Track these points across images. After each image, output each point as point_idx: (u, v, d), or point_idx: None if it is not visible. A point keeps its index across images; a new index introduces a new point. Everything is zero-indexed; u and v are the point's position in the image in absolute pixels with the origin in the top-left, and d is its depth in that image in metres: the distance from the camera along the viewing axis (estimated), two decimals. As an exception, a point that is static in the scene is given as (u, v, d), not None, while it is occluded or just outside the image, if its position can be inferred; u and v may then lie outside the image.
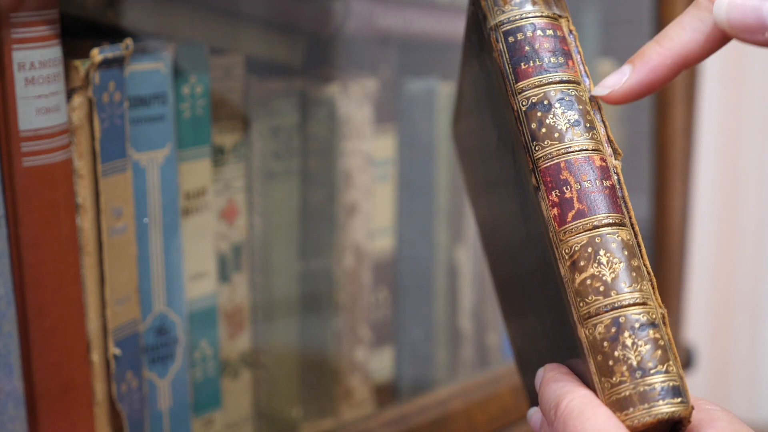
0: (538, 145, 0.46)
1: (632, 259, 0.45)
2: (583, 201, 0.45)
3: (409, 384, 0.83)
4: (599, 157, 0.46)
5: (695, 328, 1.61)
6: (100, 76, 0.56)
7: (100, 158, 0.57)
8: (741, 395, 1.72)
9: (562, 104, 0.47)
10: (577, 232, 0.45)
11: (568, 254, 0.45)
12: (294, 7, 0.73)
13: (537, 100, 0.47)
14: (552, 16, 0.48)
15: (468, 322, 0.86)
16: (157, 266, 0.62)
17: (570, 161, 0.46)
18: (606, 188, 0.46)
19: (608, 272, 0.44)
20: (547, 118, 0.46)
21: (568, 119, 0.46)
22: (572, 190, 0.46)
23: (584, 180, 0.46)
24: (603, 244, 0.45)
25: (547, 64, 0.47)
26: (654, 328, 0.44)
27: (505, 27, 0.48)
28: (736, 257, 1.70)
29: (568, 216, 0.45)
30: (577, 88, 0.47)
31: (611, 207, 0.45)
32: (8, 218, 0.52)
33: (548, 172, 0.46)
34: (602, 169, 0.46)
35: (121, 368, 0.59)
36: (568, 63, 0.47)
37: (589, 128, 0.46)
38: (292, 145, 0.72)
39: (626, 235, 0.45)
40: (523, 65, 0.47)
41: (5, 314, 0.53)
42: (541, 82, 0.47)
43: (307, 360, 0.75)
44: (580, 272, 0.45)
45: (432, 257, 0.83)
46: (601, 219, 0.45)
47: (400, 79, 0.79)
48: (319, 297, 0.76)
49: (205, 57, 0.64)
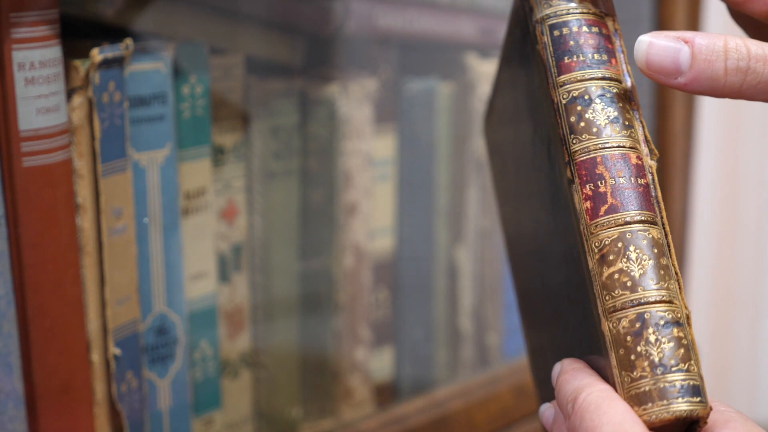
0: (575, 138, 0.47)
1: (661, 258, 0.45)
2: (616, 196, 0.46)
3: (409, 384, 0.83)
4: (635, 155, 0.46)
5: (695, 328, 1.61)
6: (100, 76, 0.56)
7: (100, 158, 0.57)
8: (741, 395, 1.72)
9: (603, 100, 0.47)
10: (608, 226, 0.45)
11: (598, 248, 0.45)
12: (294, 7, 0.73)
13: (578, 95, 0.47)
14: (598, 14, 0.49)
15: (468, 322, 0.86)
16: (157, 266, 0.62)
17: (606, 156, 0.46)
18: (640, 186, 0.46)
19: (636, 268, 0.45)
20: (587, 113, 0.47)
21: (607, 115, 0.47)
22: (606, 185, 0.46)
23: (619, 176, 0.46)
24: (633, 240, 0.45)
25: (590, 60, 0.48)
26: (678, 326, 0.44)
27: (552, 21, 0.48)
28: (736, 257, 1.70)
29: (601, 210, 0.45)
30: (618, 86, 0.47)
31: (644, 205, 0.46)
32: (8, 218, 0.52)
33: (584, 166, 0.46)
34: (638, 167, 0.46)
35: (121, 368, 0.59)
36: (611, 61, 0.48)
37: (627, 126, 0.47)
38: (292, 145, 0.72)
39: (657, 233, 0.45)
40: (567, 59, 0.48)
41: (5, 314, 0.53)
42: (583, 77, 0.47)
43: (307, 360, 0.75)
44: (609, 266, 0.45)
45: (432, 257, 0.83)
46: (633, 215, 0.45)
47: (400, 79, 0.79)
48: (319, 297, 0.76)
49: (205, 57, 0.64)
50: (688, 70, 0.46)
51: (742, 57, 0.45)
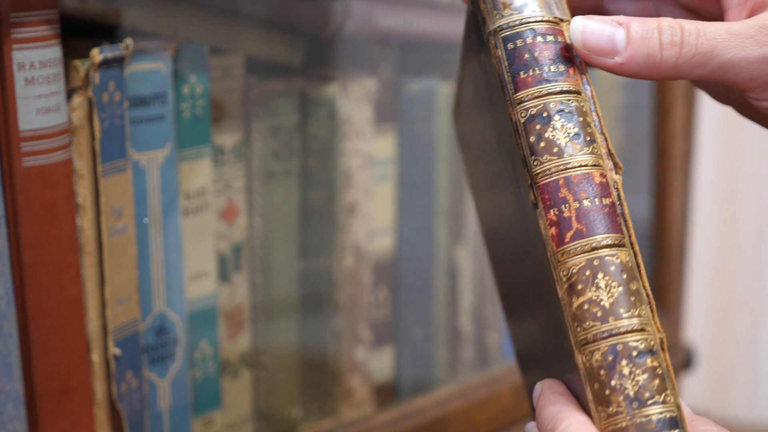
0: (536, 160, 0.45)
1: (631, 282, 0.44)
2: (581, 221, 0.44)
3: (409, 384, 0.83)
4: (599, 173, 0.45)
5: (695, 328, 1.61)
6: (100, 76, 0.56)
7: (100, 158, 0.57)
8: (741, 395, 1.72)
9: (562, 116, 0.46)
10: (575, 253, 0.44)
11: (566, 276, 0.44)
12: (294, 7, 0.73)
13: (536, 112, 0.46)
14: (553, 21, 0.47)
15: (468, 322, 0.86)
16: (157, 266, 0.62)
17: (569, 178, 0.45)
18: (605, 206, 0.45)
19: (606, 297, 0.43)
20: (547, 132, 0.45)
21: (567, 132, 0.45)
22: (571, 209, 0.44)
23: (583, 198, 0.45)
24: (601, 267, 0.44)
25: (547, 73, 0.46)
26: (652, 355, 0.43)
27: (505, 33, 0.47)
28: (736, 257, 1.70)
29: (567, 236, 0.44)
30: (578, 98, 0.46)
31: (611, 227, 0.44)
32: (8, 218, 0.52)
33: (546, 189, 0.45)
34: (602, 186, 0.45)
35: (121, 368, 0.59)
36: (569, 71, 0.46)
37: (589, 142, 0.45)
38: (292, 145, 0.72)
39: (625, 256, 0.44)
40: (522, 74, 0.46)
41: (5, 314, 0.53)
42: (541, 92, 0.46)
43: (307, 360, 0.75)
44: (578, 296, 0.44)
45: (432, 257, 0.83)
46: (599, 240, 0.44)
47: (400, 79, 0.79)
48: (319, 297, 0.76)
49: (205, 57, 0.64)
50: (625, 48, 0.46)
51: (676, 32, 0.46)
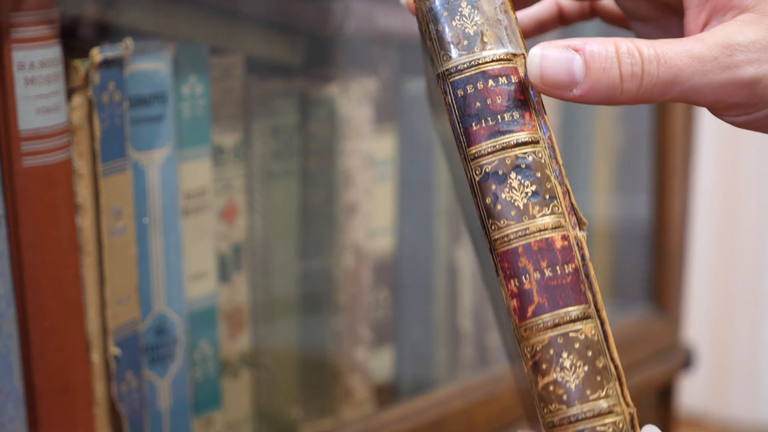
0: (494, 224, 0.43)
1: (597, 359, 0.42)
2: (543, 293, 0.42)
3: (409, 384, 0.83)
4: (560, 236, 0.43)
5: (695, 328, 1.61)
6: (100, 76, 0.56)
7: (100, 158, 0.57)
8: (741, 395, 1.72)
9: (519, 173, 0.43)
10: (537, 330, 0.42)
11: (530, 353, 0.43)
12: (294, 7, 0.73)
13: (491, 170, 0.43)
14: (505, 58, 0.44)
15: (468, 322, 0.86)
16: (157, 266, 0.62)
17: (528, 246, 0.42)
18: (568, 275, 0.42)
19: (572, 378, 0.42)
20: (503, 192, 0.43)
21: (525, 192, 0.43)
22: (531, 280, 0.42)
23: (544, 267, 0.42)
24: (566, 345, 0.42)
25: (501, 122, 0.43)
26: None
27: (453, 77, 0.44)
28: (736, 257, 1.70)
29: (528, 311, 0.42)
30: (536, 149, 0.43)
31: (574, 298, 0.42)
32: (8, 218, 0.52)
33: (506, 258, 0.43)
34: (564, 251, 0.43)
35: (121, 368, 0.59)
36: (525, 117, 0.43)
37: (548, 200, 0.43)
38: (292, 145, 0.72)
39: (591, 329, 0.42)
40: (475, 125, 0.43)
41: (5, 314, 0.53)
42: (495, 147, 0.43)
43: (307, 360, 0.75)
44: (543, 375, 0.42)
45: (432, 257, 0.83)
46: (562, 315, 0.42)
47: (400, 79, 0.79)
48: (319, 297, 0.76)
49: (205, 57, 0.64)
50: (584, 80, 0.43)
51: (636, 61, 0.43)
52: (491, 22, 0.44)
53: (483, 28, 0.44)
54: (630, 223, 1.04)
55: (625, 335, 0.96)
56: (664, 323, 1.01)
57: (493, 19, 0.44)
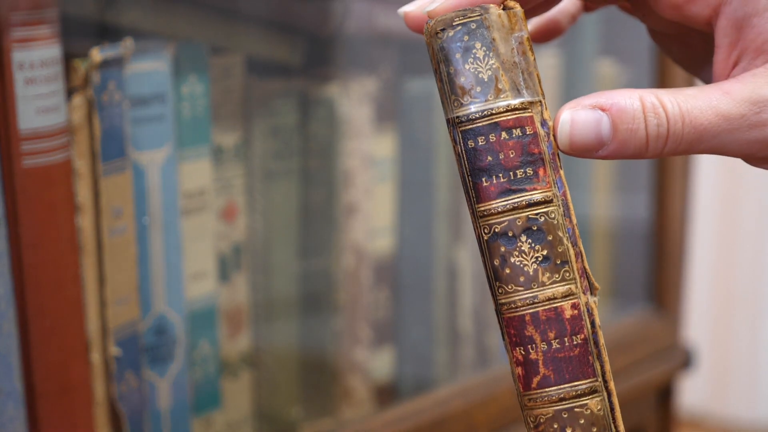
0: (501, 288, 0.41)
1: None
2: (549, 365, 0.41)
3: (409, 384, 0.83)
4: (570, 305, 0.41)
5: (695, 328, 1.61)
6: (100, 76, 0.56)
7: (100, 158, 0.57)
8: (741, 395, 1.72)
9: (530, 236, 0.41)
10: (542, 402, 0.41)
11: (534, 423, 0.42)
12: (294, 7, 0.73)
13: (500, 230, 0.41)
14: (521, 107, 0.41)
15: (468, 322, 0.86)
16: (157, 266, 0.62)
17: (536, 314, 0.41)
18: (576, 347, 0.41)
19: None
20: (512, 256, 0.41)
21: (536, 257, 0.41)
22: (537, 351, 0.41)
23: (552, 339, 0.41)
24: (569, 421, 0.41)
25: (513, 180, 0.41)
26: None
27: (464, 126, 0.41)
28: (736, 257, 1.70)
29: (533, 381, 0.41)
30: (548, 209, 0.41)
31: (580, 372, 0.41)
32: (8, 218, 0.52)
33: (512, 324, 0.41)
34: (573, 321, 0.41)
35: (120, 368, 0.59)
36: (539, 173, 0.41)
37: (559, 265, 0.41)
38: (292, 145, 0.72)
39: (597, 404, 0.41)
40: (485, 181, 0.41)
41: (5, 314, 0.53)
42: (506, 207, 0.41)
43: (307, 360, 0.75)
44: None
45: (432, 257, 0.83)
46: (567, 390, 0.41)
47: (400, 79, 0.79)
48: (319, 297, 0.76)
49: (205, 57, 0.64)
50: (611, 141, 0.42)
51: (661, 121, 0.42)
52: (507, 66, 0.41)
53: (498, 73, 0.41)
54: (630, 223, 1.04)
55: (625, 335, 0.96)
56: (664, 323, 1.01)
57: (509, 62, 0.41)
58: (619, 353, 0.93)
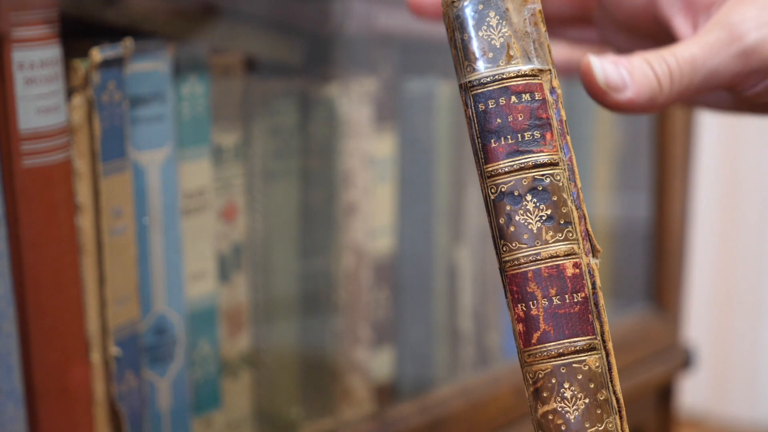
0: (506, 245, 0.42)
1: (599, 392, 0.42)
2: (549, 321, 0.42)
3: (409, 384, 0.83)
4: (572, 263, 0.42)
5: (695, 328, 1.61)
6: (100, 75, 0.56)
7: (100, 158, 0.57)
8: (741, 395, 1.72)
9: (535, 196, 0.42)
10: (541, 357, 0.42)
11: (532, 380, 0.42)
12: (294, 7, 0.73)
13: (506, 190, 0.42)
14: (531, 73, 0.42)
15: (468, 322, 0.86)
16: (157, 266, 0.62)
17: (538, 271, 0.42)
18: (576, 304, 0.42)
19: (571, 409, 0.41)
20: (517, 214, 0.42)
21: (540, 216, 0.42)
22: (538, 307, 0.42)
23: (553, 295, 0.42)
24: (567, 376, 0.42)
25: (521, 142, 0.42)
26: None
27: (475, 90, 0.42)
28: (736, 257, 1.70)
29: (533, 337, 0.42)
30: (554, 171, 0.42)
31: (579, 329, 0.42)
32: (8, 218, 0.52)
33: (515, 281, 0.42)
34: (574, 279, 0.42)
35: (120, 368, 0.59)
36: (546, 137, 0.42)
37: (563, 225, 0.42)
38: (292, 145, 0.72)
39: (595, 361, 0.42)
40: (494, 142, 0.42)
41: (5, 314, 0.53)
42: (512, 167, 0.42)
43: (307, 360, 0.75)
44: (543, 403, 0.42)
45: (432, 257, 0.83)
46: (566, 345, 0.42)
47: (400, 79, 0.79)
48: (319, 297, 0.76)
49: (205, 57, 0.64)
50: (631, 84, 0.47)
51: (663, 65, 0.48)
52: (519, 35, 0.42)
53: (510, 41, 0.42)
54: (630, 222, 1.04)
55: (625, 335, 0.96)
56: (664, 323, 1.01)
57: (521, 31, 0.42)
58: (619, 353, 0.93)
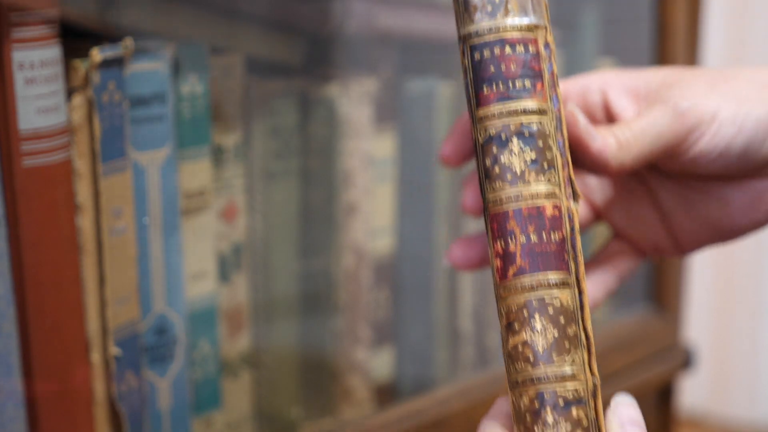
0: (490, 185, 0.43)
1: (569, 327, 0.43)
2: (525, 257, 0.43)
3: (409, 384, 0.83)
4: (552, 205, 0.43)
5: (695, 328, 1.61)
6: (100, 76, 0.56)
7: (100, 158, 0.57)
8: (741, 395, 1.72)
9: (521, 140, 0.43)
10: (515, 291, 0.43)
11: (506, 313, 0.43)
12: (294, 7, 0.73)
13: (495, 133, 0.43)
14: (527, 27, 0.44)
15: (468, 322, 0.86)
16: (157, 266, 0.62)
17: (518, 211, 0.43)
18: (553, 243, 0.43)
19: (540, 341, 0.43)
20: (502, 156, 0.43)
21: (524, 159, 0.43)
22: (516, 244, 0.43)
23: (531, 232, 0.43)
24: (539, 309, 0.43)
25: (512, 89, 0.43)
26: (579, 405, 0.42)
27: (473, 40, 0.44)
28: (736, 257, 1.70)
29: (509, 272, 0.43)
30: (542, 119, 0.44)
31: (555, 265, 0.43)
32: (8, 218, 0.52)
33: (496, 219, 0.43)
34: (553, 220, 0.43)
35: (120, 368, 0.59)
36: (536, 87, 0.44)
37: (546, 169, 0.43)
38: (292, 145, 0.72)
39: (567, 297, 0.43)
40: (486, 89, 0.44)
41: (5, 314, 0.53)
42: (502, 112, 0.43)
43: (307, 360, 0.75)
44: (514, 335, 0.43)
45: (432, 257, 0.83)
46: (540, 280, 0.43)
47: (400, 79, 0.79)
48: (319, 297, 0.76)
49: (205, 57, 0.64)
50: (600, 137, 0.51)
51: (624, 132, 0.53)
52: None
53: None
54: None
55: (625, 335, 0.96)
56: (664, 323, 1.01)
57: None
58: (619, 353, 0.93)
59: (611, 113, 0.55)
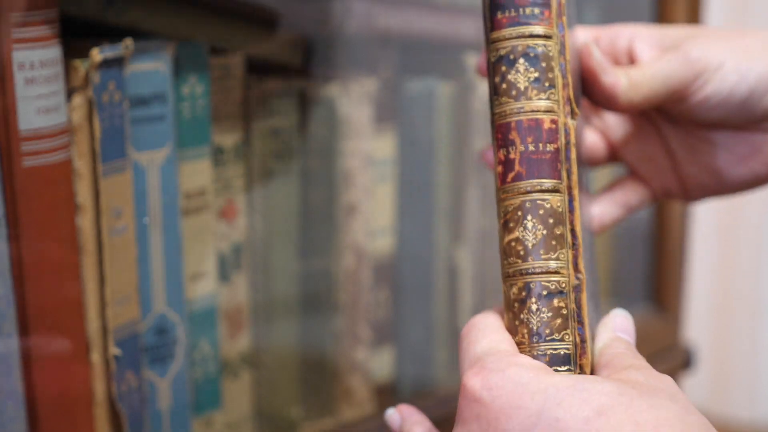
0: (497, 100, 0.48)
1: (557, 227, 0.47)
2: (522, 164, 0.47)
3: (409, 384, 0.83)
4: (550, 119, 0.48)
5: (695, 328, 1.61)
6: (100, 76, 0.56)
7: (100, 158, 0.57)
8: (741, 395, 1.72)
9: (527, 60, 0.48)
10: (512, 194, 0.47)
11: (504, 213, 0.48)
12: (294, 7, 0.73)
13: (504, 54, 0.48)
14: None
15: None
16: (157, 266, 0.62)
17: (520, 122, 0.48)
18: (548, 153, 0.47)
19: (531, 238, 0.47)
20: (509, 74, 0.48)
21: (528, 77, 0.48)
22: (516, 152, 0.47)
23: (528, 143, 0.47)
24: (531, 210, 0.47)
25: (522, 15, 0.48)
26: (560, 296, 0.47)
27: None
28: (736, 257, 1.70)
29: (509, 177, 0.48)
30: (547, 43, 0.48)
31: (548, 173, 0.47)
32: (8, 218, 0.52)
33: (500, 129, 0.48)
34: (550, 132, 0.48)
35: (121, 368, 0.59)
36: (544, 13, 0.48)
37: (547, 87, 0.48)
38: (292, 145, 0.72)
39: (557, 201, 0.47)
40: (499, 15, 0.48)
41: (5, 314, 0.53)
42: (512, 35, 0.48)
43: (307, 360, 0.75)
44: (509, 233, 0.48)
45: (432, 257, 0.83)
46: (534, 185, 0.47)
47: (400, 79, 0.79)
48: (319, 297, 0.76)
49: (205, 57, 0.64)
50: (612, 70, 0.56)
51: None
52: None
53: None
54: (630, 223, 1.04)
55: (625, 335, 0.96)
56: (664, 323, 1.01)
57: None
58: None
59: (634, 60, 0.60)
